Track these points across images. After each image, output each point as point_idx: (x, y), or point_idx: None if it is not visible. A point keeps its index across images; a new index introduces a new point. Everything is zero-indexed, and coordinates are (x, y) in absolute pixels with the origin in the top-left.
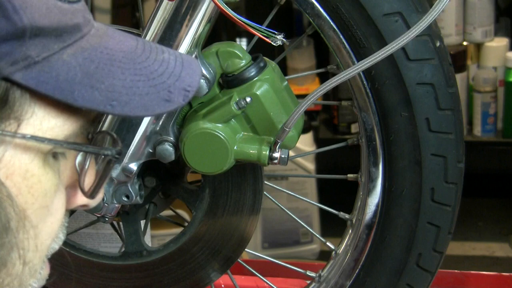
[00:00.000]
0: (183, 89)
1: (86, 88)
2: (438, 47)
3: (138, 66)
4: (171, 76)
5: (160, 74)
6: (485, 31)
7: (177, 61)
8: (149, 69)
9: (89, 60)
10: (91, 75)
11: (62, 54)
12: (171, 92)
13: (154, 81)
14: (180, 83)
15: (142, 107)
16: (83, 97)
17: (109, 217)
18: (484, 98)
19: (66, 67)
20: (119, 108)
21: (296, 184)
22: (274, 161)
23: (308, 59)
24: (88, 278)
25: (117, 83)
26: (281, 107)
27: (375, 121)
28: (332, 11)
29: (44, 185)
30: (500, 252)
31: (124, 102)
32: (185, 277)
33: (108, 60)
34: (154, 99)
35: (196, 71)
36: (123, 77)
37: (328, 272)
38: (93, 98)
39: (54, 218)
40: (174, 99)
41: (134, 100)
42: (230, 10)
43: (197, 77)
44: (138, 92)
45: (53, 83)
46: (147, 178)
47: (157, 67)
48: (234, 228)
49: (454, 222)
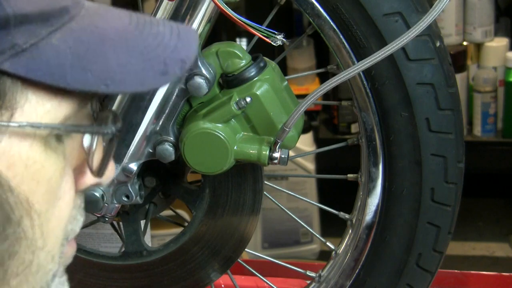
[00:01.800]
0: (179, 60)
1: (78, 71)
2: (438, 47)
3: (131, 42)
4: (166, 48)
5: (154, 48)
6: (485, 31)
7: (173, 32)
8: (143, 44)
9: (79, 42)
10: (82, 57)
11: (51, 39)
12: (166, 64)
13: (149, 55)
14: (176, 55)
15: (138, 83)
16: (76, 80)
17: (109, 217)
18: (484, 98)
19: (56, 51)
20: (113, 86)
21: (296, 184)
22: (274, 161)
23: (308, 59)
24: (88, 278)
25: (110, 62)
26: (281, 107)
27: (375, 121)
28: (332, 11)
29: (48, 170)
30: (500, 252)
31: (118, 80)
32: (185, 277)
33: (100, 40)
34: (150, 73)
35: (192, 41)
36: (115, 55)
37: (328, 272)
38: (86, 79)
39: (63, 202)
40: (170, 71)
41: (129, 77)
42: (230, 10)
43: (193, 47)
44: (132, 69)
45: (44, 69)
46: (147, 178)
47: (151, 41)
48: (234, 228)
49: (454, 222)
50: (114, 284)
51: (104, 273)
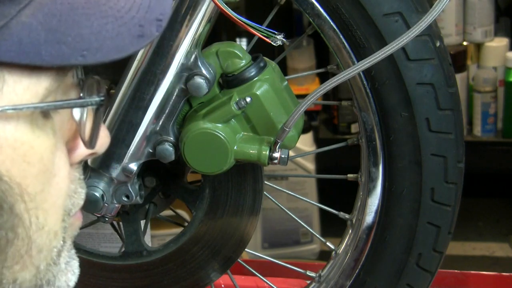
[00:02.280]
0: (155, 20)
1: (52, 45)
2: (438, 47)
3: (103, 7)
4: (140, 9)
5: (128, 10)
6: (485, 31)
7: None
8: (116, 8)
9: (50, 15)
10: (55, 30)
11: (20, 17)
12: (142, 26)
13: (123, 19)
14: (151, 14)
15: (115, 50)
16: (51, 55)
17: (109, 217)
18: (484, 98)
19: (27, 29)
20: (90, 56)
21: (296, 184)
22: (274, 161)
23: (308, 59)
24: (88, 278)
25: (84, 31)
26: (281, 107)
27: (375, 121)
28: (332, 11)
29: (38, 149)
30: (500, 252)
31: (95, 49)
32: (185, 277)
33: (70, 10)
34: (126, 38)
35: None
36: (89, 23)
37: (328, 272)
38: (61, 53)
39: (59, 178)
40: (147, 33)
41: (106, 45)
42: (230, 10)
43: (168, 3)
44: (108, 36)
45: (16, 49)
46: (147, 178)
47: (124, 3)
48: (234, 228)
49: (454, 222)
50: (114, 284)
51: (104, 273)
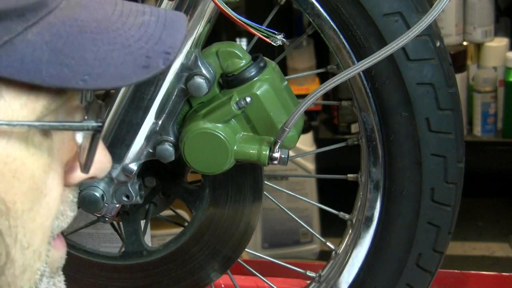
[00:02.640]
0: (163, 52)
1: (54, 66)
2: (438, 47)
3: (112, 34)
4: (149, 40)
5: (137, 40)
6: (485, 31)
7: (159, 21)
8: (125, 36)
9: (57, 36)
10: (59, 51)
11: (27, 34)
12: (149, 57)
13: (130, 48)
14: (160, 46)
15: (118, 78)
16: (52, 76)
17: (109, 217)
18: (484, 98)
19: (32, 47)
20: (91, 82)
21: (296, 184)
22: (274, 161)
23: (308, 59)
24: (88, 278)
25: (88, 56)
26: (281, 107)
27: (375, 121)
28: (332, 11)
29: (30, 167)
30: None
31: (97, 75)
32: (185, 277)
33: (78, 33)
34: (131, 67)
35: (179, 29)
36: (95, 48)
37: (328, 272)
38: (63, 75)
39: (50, 198)
40: (153, 64)
41: (108, 72)
42: (230, 10)
43: (180, 36)
44: (112, 63)
45: (18, 66)
46: (147, 178)
47: (134, 32)
48: (234, 228)
49: (454, 222)
50: (114, 284)
51: (104, 273)
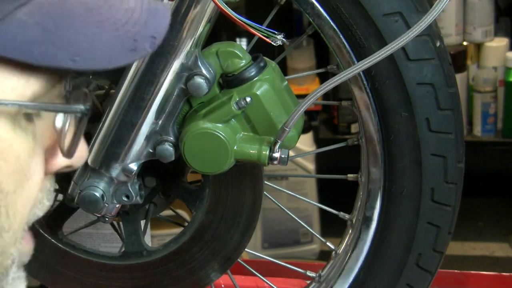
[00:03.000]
0: (149, 36)
1: (46, 46)
2: (438, 47)
3: (100, 17)
4: (136, 24)
5: (124, 23)
6: (485, 31)
7: (143, 8)
8: (112, 20)
9: (47, 16)
10: (50, 31)
11: (18, 13)
12: (136, 40)
13: (118, 32)
14: (146, 31)
15: (106, 60)
16: (43, 55)
17: (109, 217)
18: (484, 98)
19: (23, 26)
20: (81, 62)
21: (296, 184)
22: (274, 161)
23: (308, 59)
24: (88, 278)
25: (78, 37)
26: (281, 107)
27: (375, 121)
28: (332, 11)
29: (16, 148)
30: (500, 252)
31: (86, 56)
32: (185, 277)
33: (68, 15)
34: (119, 49)
35: (164, 16)
36: (84, 30)
37: (328, 272)
38: (54, 55)
39: (32, 182)
40: (140, 48)
41: (97, 53)
42: (230, 10)
43: (164, 22)
44: (101, 45)
45: (10, 45)
46: (147, 178)
47: (121, 16)
48: (234, 228)
49: (454, 222)
50: (114, 284)
51: (104, 273)
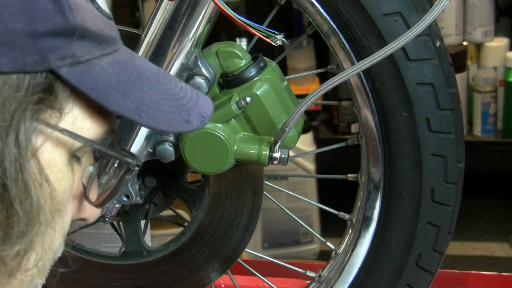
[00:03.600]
0: (200, 114)
1: (119, 95)
2: (438, 47)
3: (162, 86)
4: (190, 101)
5: (181, 98)
6: (485, 31)
7: (193, 90)
8: (172, 91)
9: (122, 71)
10: (124, 84)
11: (101, 61)
12: (190, 115)
13: (176, 102)
14: (198, 109)
15: (166, 123)
16: (117, 103)
17: (109, 217)
18: (484, 98)
19: (104, 72)
20: (146, 119)
21: (296, 184)
22: (274, 161)
23: (308, 59)
24: (88, 278)
25: (145, 96)
26: (281, 107)
27: (375, 121)
28: (332, 11)
29: (65, 182)
30: (500, 252)
31: (150, 115)
32: (185, 277)
33: (138, 75)
34: (176, 117)
35: (209, 102)
36: (150, 92)
37: (328, 272)
38: (125, 105)
39: (65, 221)
40: (193, 121)
41: (159, 115)
42: (230, 10)
43: (211, 107)
44: (162, 109)
45: (92, 85)
46: (147, 178)
47: (178, 91)
48: (234, 228)
49: (454, 222)
50: (114, 284)
51: (104, 273)
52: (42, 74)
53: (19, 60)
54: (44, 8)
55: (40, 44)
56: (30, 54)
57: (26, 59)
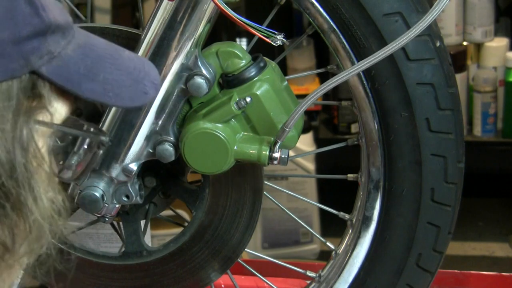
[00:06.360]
0: (151, 82)
1: (89, 81)
2: (438, 47)
3: (117, 62)
4: (141, 71)
5: (133, 69)
6: (485, 31)
7: (137, 57)
8: (126, 65)
9: (85, 55)
10: (90, 69)
11: (67, 49)
12: (145, 85)
13: (132, 75)
14: (149, 77)
15: (129, 99)
16: (88, 89)
17: (109, 217)
18: (484, 98)
19: (72, 61)
20: (114, 99)
21: (296, 184)
22: (274, 161)
23: (308, 59)
24: (88, 278)
25: (108, 77)
26: (281, 107)
27: (375, 121)
28: (332, 11)
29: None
30: (500, 252)
31: (116, 94)
32: (185, 277)
33: (98, 56)
34: (136, 91)
35: (152, 65)
36: (111, 71)
37: (328, 272)
38: (95, 90)
39: None
40: (149, 92)
41: (123, 93)
42: (230, 10)
43: (156, 70)
44: (124, 85)
45: (66, 75)
46: (147, 178)
47: (129, 63)
48: (234, 228)
49: (454, 222)
50: (114, 284)
51: (104, 273)
52: (26, 76)
53: (9, 68)
54: (23, 12)
55: (23, 48)
56: (17, 60)
57: (14, 65)
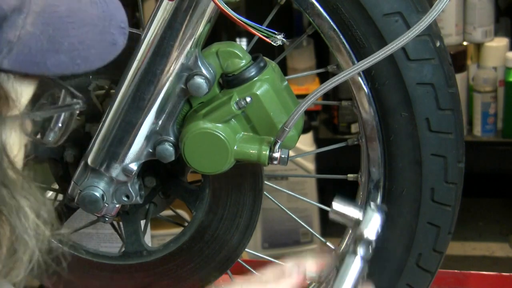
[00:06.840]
0: (119, 27)
1: (53, 54)
2: (438, 47)
3: (80, 15)
4: (106, 16)
5: (98, 17)
6: (485, 31)
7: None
8: (89, 16)
9: (45, 24)
10: (52, 39)
11: (26, 26)
12: (113, 33)
13: (98, 27)
14: (116, 21)
15: (99, 58)
16: (54, 64)
17: (109, 217)
18: (484, 98)
19: (34, 38)
20: (83, 65)
21: (296, 184)
22: (274, 161)
23: (308, 59)
24: (88, 278)
25: (73, 40)
26: (281, 107)
27: (375, 121)
28: (332, 11)
29: (22, 154)
30: (500, 252)
31: (84, 58)
32: (185, 277)
33: (58, 18)
34: (104, 46)
35: (118, 3)
36: (74, 32)
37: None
38: (62, 62)
39: None
40: (118, 41)
41: (91, 54)
42: (230, 10)
43: (123, 10)
44: (91, 44)
45: (30, 59)
46: (147, 178)
47: (92, 10)
48: (234, 228)
49: (454, 222)
50: (114, 284)
51: (104, 273)
52: None
53: None
54: None
55: None
56: None
57: None
